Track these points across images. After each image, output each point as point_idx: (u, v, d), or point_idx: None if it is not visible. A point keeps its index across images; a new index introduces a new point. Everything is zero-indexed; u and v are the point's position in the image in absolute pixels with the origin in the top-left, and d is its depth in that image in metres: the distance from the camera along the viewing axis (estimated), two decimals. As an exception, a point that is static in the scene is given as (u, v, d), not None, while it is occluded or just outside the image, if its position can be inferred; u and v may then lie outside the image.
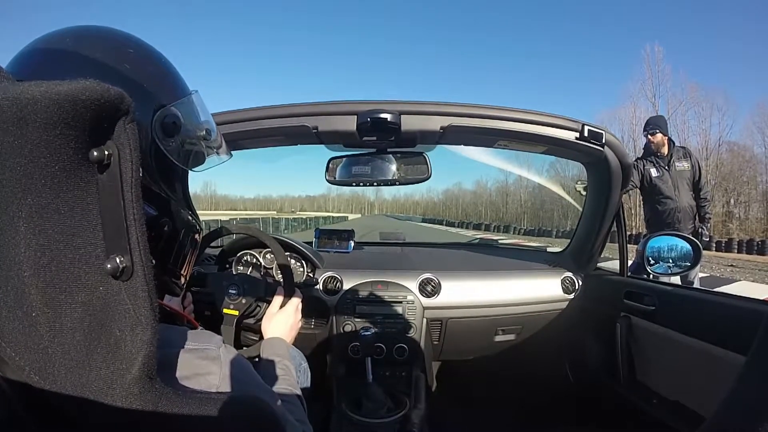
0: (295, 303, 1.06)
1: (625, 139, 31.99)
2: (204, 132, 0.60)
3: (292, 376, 0.84)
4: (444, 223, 48.63)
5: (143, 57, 0.54)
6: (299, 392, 0.80)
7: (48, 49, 0.48)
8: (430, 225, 42.91)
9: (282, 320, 1.02)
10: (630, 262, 1.44)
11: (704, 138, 31.02)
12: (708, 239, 3.41)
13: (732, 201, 30.39)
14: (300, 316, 1.07)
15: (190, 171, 0.61)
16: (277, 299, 1.07)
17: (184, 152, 0.57)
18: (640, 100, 33.63)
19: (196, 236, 0.63)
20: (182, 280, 0.61)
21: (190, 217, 0.60)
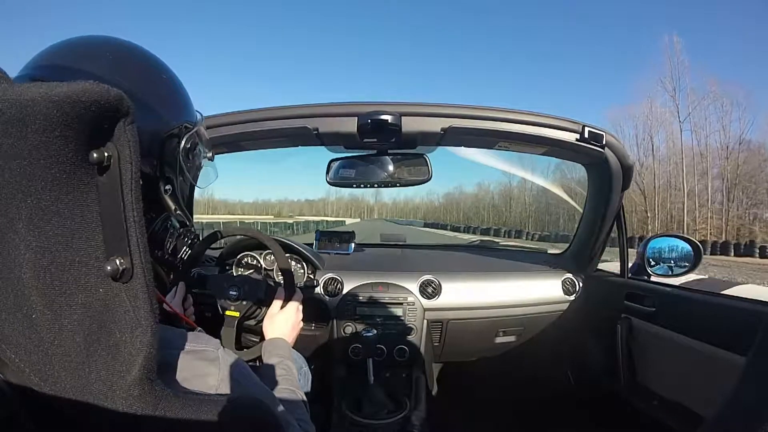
0: (296, 303, 1.06)
1: (639, 137, 31.38)
2: (211, 154, 0.65)
3: (294, 376, 0.84)
4: (449, 227, 44.62)
5: (174, 81, 0.58)
6: (301, 392, 0.80)
7: (84, 71, 0.49)
8: (433, 230, 39.40)
9: (283, 320, 1.02)
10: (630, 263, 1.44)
11: (724, 135, 28.82)
12: None
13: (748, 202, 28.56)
14: (301, 316, 1.07)
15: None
16: (278, 300, 1.07)
17: (196, 170, 0.63)
18: (656, 95, 31.38)
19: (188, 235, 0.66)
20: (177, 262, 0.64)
21: (183, 215, 0.63)
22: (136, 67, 0.54)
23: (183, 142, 0.57)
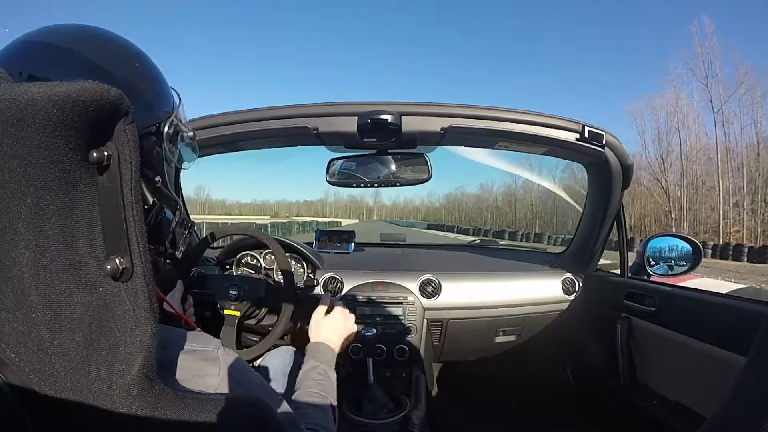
0: (344, 312, 1.03)
1: (661, 130, 28.04)
2: (192, 134, 0.62)
3: (328, 382, 0.81)
4: (455, 230, 39.14)
5: (149, 66, 0.55)
6: (331, 398, 0.77)
7: (59, 46, 0.46)
8: (438, 232, 34.66)
9: (329, 327, 0.98)
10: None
11: (754, 130, 24.55)
12: None
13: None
14: (350, 325, 1.03)
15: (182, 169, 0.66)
16: (323, 305, 1.04)
17: (179, 155, 0.61)
18: (681, 85, 27.41)
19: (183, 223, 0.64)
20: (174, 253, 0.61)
21: (176, 202, 0.61)
22: (115, 57, 0.50)
23: (166, 129, 0.54)
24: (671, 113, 27.92)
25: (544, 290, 1.54)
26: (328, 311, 1.02)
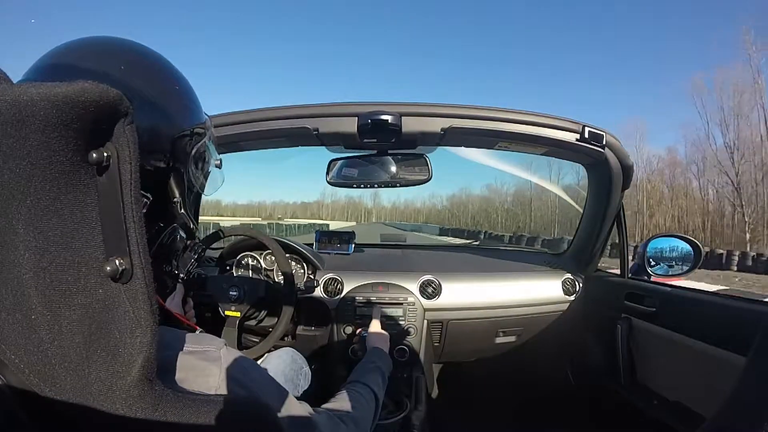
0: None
1: (733, 112, 23.01)
2: (219, 161, 0.63)
3: (363, 401, 0.80)
4: (484, 236, 31.86)
5: (184, 83, 0.56)
6: (358, 415, 0.75)
7: (95, 71, 0.46)
8: (454, 239, 25.78)
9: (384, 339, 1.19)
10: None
11: None
12: None
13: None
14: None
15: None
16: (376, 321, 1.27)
17: (204, 178, 0.61)
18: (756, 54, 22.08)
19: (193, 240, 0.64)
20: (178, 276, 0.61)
21: (191, 225, 0.61)
22: (148, 69, 0.52)
23: (194, 151, 0.55)
24: (738, 89, 22.30)
25: (544, 291, 1.54)
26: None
